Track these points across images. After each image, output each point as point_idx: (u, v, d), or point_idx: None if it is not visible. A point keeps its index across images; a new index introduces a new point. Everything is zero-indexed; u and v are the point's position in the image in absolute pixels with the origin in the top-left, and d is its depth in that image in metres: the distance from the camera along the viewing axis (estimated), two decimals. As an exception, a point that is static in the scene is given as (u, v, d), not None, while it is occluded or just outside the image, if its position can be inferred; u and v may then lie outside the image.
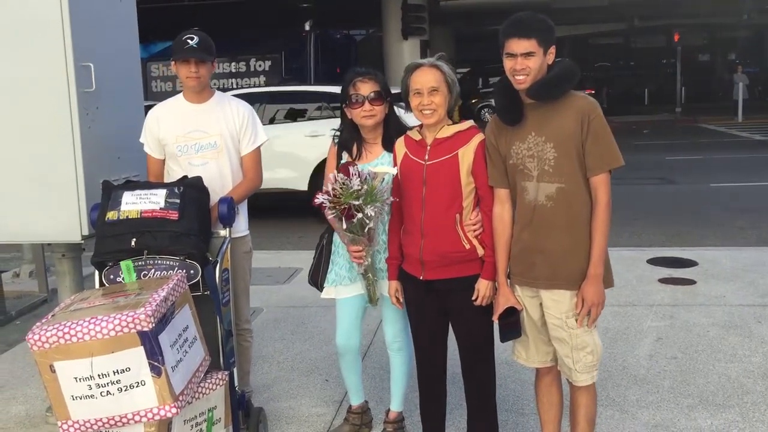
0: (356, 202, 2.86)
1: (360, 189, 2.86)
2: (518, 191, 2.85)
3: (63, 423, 2.75)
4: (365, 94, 3.20)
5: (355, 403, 3.59)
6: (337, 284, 3.38)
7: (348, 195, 2.86)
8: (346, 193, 2.87)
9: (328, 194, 2.92)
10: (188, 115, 3.56)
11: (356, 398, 3.59)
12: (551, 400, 3.01)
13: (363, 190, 2.86)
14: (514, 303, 2.90)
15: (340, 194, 2.88)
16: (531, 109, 2.79)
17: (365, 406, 3.64)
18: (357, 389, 3.58)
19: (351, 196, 2.86)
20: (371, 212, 2.88)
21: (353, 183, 2.87)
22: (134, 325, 2.64)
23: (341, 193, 2.87)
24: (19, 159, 3.59)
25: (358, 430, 3.59)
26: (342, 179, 2.91)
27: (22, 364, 4.81)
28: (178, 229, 3.15)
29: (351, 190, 2.86)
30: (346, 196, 2.86)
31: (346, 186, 2.87)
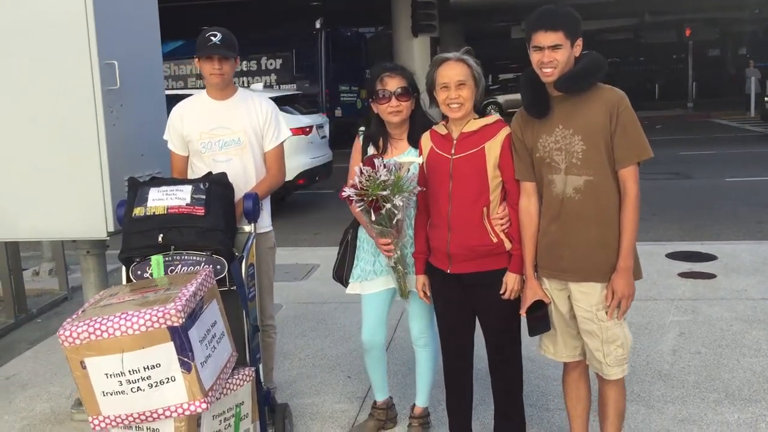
0: (384, 193, 2.85)
1: (387, 180, 2.85)
2: (545, 184, 2.84)
3: (94, 418, 2.76)
4: (392, 89, 3.19)
5: (380, 399, 3.59)
6: (362, 279, 3.38)
7: (375, 186, 2.86)
8: (373, 185, 2.86)
9: (354, 187, 2.92)
10: (212, 111, 3.57)
11: (381, 394, 3.59)
12: (579, 395, 3.00)
13: (390, 181, 2.86)
14: (541, 296, 2.90)
15: (367, 186, 2.87)
16: (558, 101, 2.77)
17: (390, 402, 3.64)
18: (382, 385, 3.58)
19: (378, 187, 2.86)
20: (399, 202, 2.88)
21: (380, 174, 2.86)
22: (164, 320, 2.65)
23: (368, 185, 2.87)
24: (44, 156, 3.61)
25: (383, 426, 3.59)
26: (368, 171, 2.91)
27: (45, 362, 4.84)
28: (204, 224, 3.16)
29: (378, 182, 2.86)
30: (374, 188, 2.86)
31: (373, 178, 2.87)
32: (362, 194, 2.89)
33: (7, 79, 3.60)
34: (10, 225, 3.69)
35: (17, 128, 3.62)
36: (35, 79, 3.58)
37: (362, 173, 2.91)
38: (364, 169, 2.91)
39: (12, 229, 3.71)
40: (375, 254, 3.34)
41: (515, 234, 2.96)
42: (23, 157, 3.63)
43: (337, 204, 11.15)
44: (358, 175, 2.92)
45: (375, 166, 2.91)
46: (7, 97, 3.61)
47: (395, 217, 2.96)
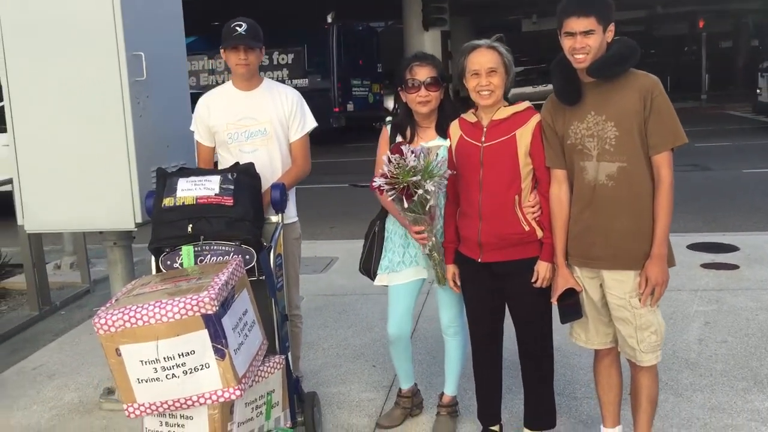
0: (415, 179, 2.85)
1: (416, 165, 2.85)
2: (576, 171, 2.83)
3: (129, 406, 2.78)
4: (422, 79, 3.19)
5: (405, 387, 3.60)
6: (390, 271, 3.38)
7: (405, 173, 2.86)
8: (403, 172, 2.86)
9: (384, 176, 2.92)
10: (238, 102, 3.58)
11: (407, 382, 3.60)
12: (611, 382, 2.99)
13: (419, 166, 2.85)
14: (573, 284, 2.89)
15: (397, 174, 2.87)
16: (590, 88, 2.76)
17: (415, 389, 3.65)
18: (408, 374, 3.59)
19: (408, 173, 2.85)
20: (431, 187, 2.87)
21: (409, 160, 2.86)
22: (198, 308, 2.67)
23: (398, 173, 2.86)
24: (72, 148, 3.63)
25: (409, 413, 3.60)
26: (396, 159, 2.91)
27: (71, 353, 4.88)
28: (233, 214, 3.17)
29: (407, 168, 2.86)
30: (404, 175, 2.86)
31: (402, 165, 2.86)
32: (393, 182, 2.89)
33: (36, 72, 3.62)
34: (38, 217, 3.72)
35: (46, 121, 3.65)
36: (63, 71, 3.60)
37: (391, 161, 2.90)
38: (392, 157, 2.91)
39: (40, 220, 3.73)
40: (404, 245, 3.34)
41: (546, 222, 2.96)
42: (52, 149, 3.66)
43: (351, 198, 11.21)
44: (387, 163, 2.92)
45: (403, 153, 2.91)
46: (37, 91, 3.63)
47: (428, 203, 2.95)
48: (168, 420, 2.90)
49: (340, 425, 3.64)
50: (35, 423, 3.89)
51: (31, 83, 3.64)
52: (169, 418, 2.89)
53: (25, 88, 3.65)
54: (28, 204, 3.69)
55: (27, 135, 3.67)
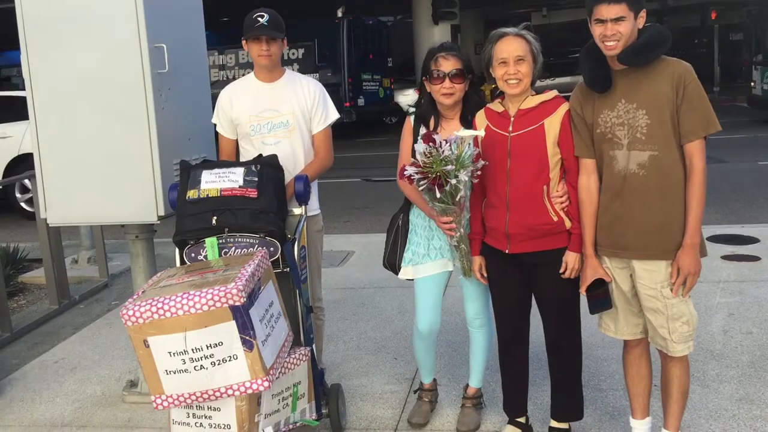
0: (448, 168, 2.82)
1: (450, 155, 2.83)
2: (606, 161, 2.80)
3: (156, 397, 2.78)
4: (447, 70, 3.16)
5: (428, 381, 3.57)
6: (414, 263, 3.35)
7: (438, 162, 2.83)
8: (436, 161, 2.83)
9: (416, 165, 2.89)
10: (260, 94, 3.56)
11: (430, 376, 3.57)
12: (641, 373, 2.96)
13: (453, 156, 2.83)
14: (602, 275, 2.86)
15: (429, 163, 2.84)
16: (620, 75, 2.73)
17: (435, 382, 3.62)
18: (431, 368, 3.56)
19: (441, 163, 2.83)
20: (464, 177, 2.85)
21: (443, 149, 2.84)
22: (226, 299, 2.66)
23: (431, 162, 2.84)
24: (94, 141, 3.63)
25: (433, 407, 3.57)
26: (428, 148, 2.89)
27: (91, 346, 4.89)
28: (257, 206, 3.16)
29: (441, 157, 2.83)
30: (437, 164, 2.83)
31: (436, 154, 2.84)
32: (425, 172, 2.86)
33: (57, 67, 3.61)
34: (61, 210, 3.72)
35: (68, 114, 3.64)
36: (85, 65, 3.59)
37: (423, 150, 2.88)
38: (425, 146, 2.88)
39: (63, 214, 3.73)
40: (428, 237, 3.31)
41: (575, 212, 2.93)
42: (73, 142, 3.65)
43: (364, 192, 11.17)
44: (420, 152, 2.89)
45: (435, 142, 2.88)
46: (58, 84, 3.63)
47: (458, 194, 2.93)
48: (195, 411, 2.90)
49: (364, 417, 3.63)
50: (59, 416, 3.90)
51: (52, 77, 3.63)
52: (196, 410, 2.89)
53: (46, 82, 3.64)
54: (51, 197, 3.69)
55: (49, 128, 3.66)
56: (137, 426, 3.73)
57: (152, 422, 3.75)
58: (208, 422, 2.89)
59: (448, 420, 3.52)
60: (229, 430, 2.85)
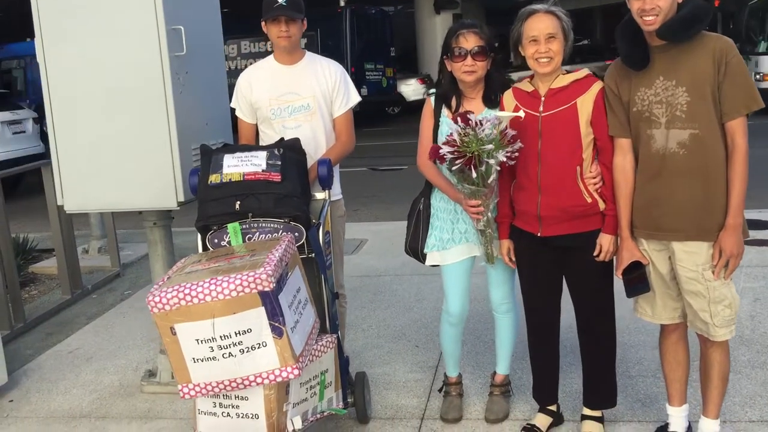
0: (488, 147, 2.74)
1: (490, 134, 2.74)
2: (642, 140, 2.72)
3: (184, 386, 2.71)
4: (468, 48, 3.06)
5: (455, 374, 3.48)
6: (439, 249, 3.27)
7: (476, 142, 2.75)
8: (474, 141, 2.75)
9: (451, 144, 2.80)
10: (280, 77, 3.48)
11: (456, 369, 3.48)
12: (678, 359, 2.89)
13: (493, 135, 2.75)
14: (638, 257, 2.79)
15: (467, 143, 2.76)
16: (659, 51, 2.64)
17: (461, 376, 3.53)
18: (458, 359, 3.47)
19: (480, 143, 2.74)
20: (503, 158, 2.77)
21: (484, 128, 2.75)
22: (255, 285, 2.59)
23: (469, 141, 2.75)
24: (111, 126, 3.55)
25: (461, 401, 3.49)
26: (463, 128, 2.80)
27: (106, 336, 4.82)
28: (281, 191, 3.08)
29: (480, 137, 2.75)
30: (474, 144, 2.75)
31: (475, 133, 2.75)
32: (462, 152, 2.77)
33: (73, 51, 3.52)
34: (78, 197, 3.64)
35: (84, 100, 3.56)
36: (101, 49, 3.50)
37: (460, 130, 2.79)
38: (462, 125, 2.80)
39: (80, 201, 3.65)
40: (452, 221, 3.22)
41: (609, 193, 2.85)
42: (90, 128, 3.57)
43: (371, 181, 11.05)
44: (456, 131, 2.80)
45: (470, 121, 2.80)
46: (74, 70, 3.54)
47: (491, 176, 2.85)
48: (222, 401, 2.83)
49: (389, 406, 3.57)
50: (77, 406, 3.84)
51: (68, 63, 3.54)
52: (223, 399, 2.82)
53: (61, 67, 3.56)
54: (68, 184, 3.61)
55: (64, 115, 3.58)
56: (157, 416, 3.66)
57: (172, 413, 3.68)
58: (236, 412, 2.82)
59: (476, 409, 3.45)
60: (257, 419, 2.79)
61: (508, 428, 3.27)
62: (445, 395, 3.47)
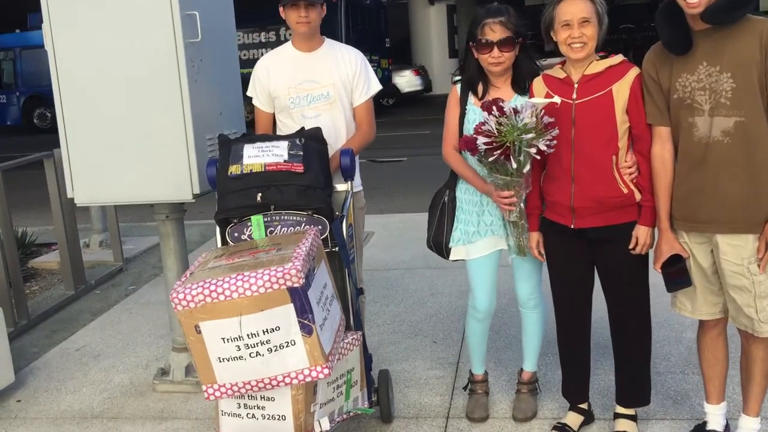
0: (529, 136, 2.63)
1: (529, 122, 2.64)
2: (683, 128, 2.61)
3: (208, 387, 2.60)
4: (494, 39, 2.94)
5: (480, 372, 3.38)
6: (465, 243, 3.16)
7: (515, 131, 2.64)
8: (513, 129, 2.64)
9: (487, 135, 2.69)
10: (299, 64, 3.36)
11: (482, 366, 3.37)
12: (717, 356, 2.80)
13: (532, 123, 2.64)
14: (679, 250, 2.69)
15: (505, 132, 2.65)
16: (702, 36, 2.54)
17: (487, 374, 3.43)
18: (484, 356, 3.36)
19: (519, 132, 2.64)
20: (543, 146, 2.66)
21: (523, 116, 2.64)
22: (284, 281, 2.48)
23: (507, 131, 2.65)
24: (123, 115, 3.42)
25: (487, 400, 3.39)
26: (497, 116, 2.69)
27: (113, 333, 4.70)
28: (304, 182, 2.97)
29: (520, 125, 2.64)
30: (511, 133, 2.64)
31: (514, 121, 2.64)
32: (500, 142, 2.67)
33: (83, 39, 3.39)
34: (89, 189, 3.51)
35: (95, 88, 3.43)
36: (112, 36, 3.36)
37: (496, 118, 2.68)
38: (495, 113, 2.69)
39: (91, 193, 3.52)
40: (478, 213, 3.12)
41: (645, 184, 2.75)
42: (101, 117, 3.44)
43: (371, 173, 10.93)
44: (494, 120, 2.69)
45: (503, 110, 2.69)
46: (84, 58, 3.40)
47: (527, 165, 2.75)
48: (246, 402, 2.72)
49: (411, 405, 3.47)
50: (87, 406, 3.72)
51: (78, 51, 3.40)
52: (248, 400, 2.72)
53: (70, 55, 3.41)
54: (78, 176, 3.48)
55: (74, 104, 3.44)
56: (172, 417, 3.55)
57: (187, 412, 3.57)
58: (261, 413, 2.71)
59: (502, 407, 3.36)
60: (284, 421, 2.68)
61: (537, 427, 3.18)
62: (470, 393, 3.38)
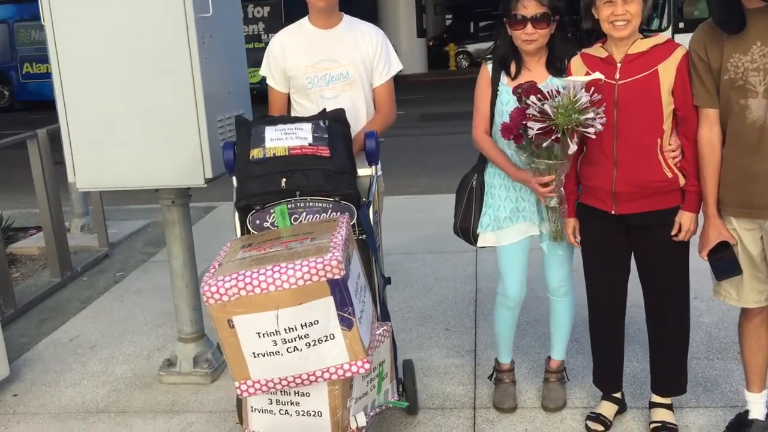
0: (588, 116, 2.51)
1: (588, 101, 2.52)
2: (735, 110, 2.52)
3: (241, 383, 2.45)
4: (529, 15, 2.81)
5: (508, 361, 3.28)
6: (495, 229, 3.05)
7: (568, 113, 2.52)
8: (567, 111, 2.52)
9: (535, 120, 2.56)
10: (316, 42, 3.19)
11: (509, 355, 3.27)
12: (760, 344, 2.74)
13: (586, 102, 2.52)
14: (727, 237, 2.61)
15: (559, 114, 2.52)
16: (756, 14, 2.44)
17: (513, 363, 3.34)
18: (511, 345, 3.26)
19: (575, 112, 2.52)
20: (600, 126, 2.55)
21: (580, 95, 2.52)
22: (324, 272, 2.34)
23: (562, 112, 2.52)
24: (129, 96, 3.20)
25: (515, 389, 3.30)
26: (538, 100, 2.57)
27: (107, 322, 4.50)
28: (331, 167, 2.82)
29: (577, 105, 2.52)
30: (564, 114, 2.52)
31: (570, 102, 2.52)
32: (552, 125, 2.54)
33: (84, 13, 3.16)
34: (92, 174, 3.30)
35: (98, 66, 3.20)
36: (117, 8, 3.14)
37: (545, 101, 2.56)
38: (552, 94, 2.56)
39: (95, 178, 3.31)
40: (511, 199, 3.00)
41: (690, 168, 2.67)
42: (105, 97, 3.21)
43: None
44: (540, 102, 2.56)
45: (544, 94, 2.57)
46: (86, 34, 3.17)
47: (570, 148, 2.63)
48: (279, 397, 2.58)
49: (434, 395, 3.36)
50: (90, 400, 3.54)
51: (79, 24, 3.17)
52: (281, 396, 2.58)
53: (73, 29, 3.17)
54: (80, 160, 3.26)
55: (76, 84, 3.21)
56: (184, 410, 3.39)
57: (199, 405, 3.42)
58: (295, 409, 2.58)
59: (529, 396, 3.27)
60: (320, 417, 2.55)
61: (569, 417, 3.10)
62: (497, 383, 3.28)
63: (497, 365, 3.30)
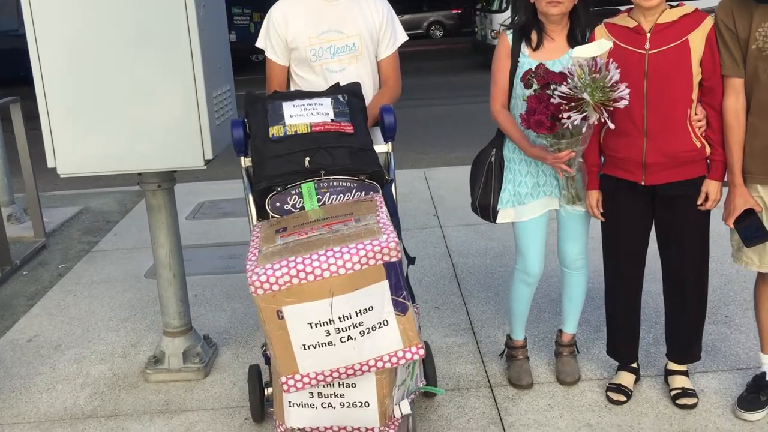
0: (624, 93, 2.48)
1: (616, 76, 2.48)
2: (761, 80, 2.56)
3: (289, 378, 2.30)
4: None
5: (521, 338, 3.25)
6: (515, 204, 2.99)
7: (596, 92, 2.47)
8: (595, 90, 2.47)
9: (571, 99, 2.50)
10: (320, 12, 3.00)
11: (522, 331, 3.24)
12: (777, 307, 2.84)
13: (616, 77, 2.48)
14: (753, 204, 2.67)
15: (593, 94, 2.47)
16: (787, -16, 2.49)
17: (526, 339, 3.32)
18: (525, 321, 3.23)
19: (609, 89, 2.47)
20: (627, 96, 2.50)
21: (612, 73, 2.48)
22: (382, 255, 2.21)
23: (593, 89, 2.47)
24: (119, 71, 2.90)
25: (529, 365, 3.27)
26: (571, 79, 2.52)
27: (64, 319, 4.15)
28: (355, 144, 2.67)
29: (605, 81, 2.47)
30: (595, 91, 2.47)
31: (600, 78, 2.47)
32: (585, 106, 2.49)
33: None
34: (75, 157, 2.97)
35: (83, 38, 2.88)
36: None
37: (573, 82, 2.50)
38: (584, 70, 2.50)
39: (78, 161, 2.98)
40: (533, 174, 2.95)
41: (716, 137, 2.70)
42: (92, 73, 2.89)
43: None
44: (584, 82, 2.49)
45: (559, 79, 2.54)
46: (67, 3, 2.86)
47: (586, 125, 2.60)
48: (322, 390, 2.43)
49: (447, 376, 3.29)
50: (72, 405, 3.24)
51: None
52: (323, 388, 2.43)
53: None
54: (61, 142, 2.94)
55: (56, 56, 2.88)
56: (182, 409, 3.16)
57: (198, 403, 3.20)
58: (339, 401, 2.43)
59: (542, 372, 3.26)
60: (367, 408, 2.42)
61: (587, 389, 3.11)
62: (509, 359, 3.25)
63: (510, 341, 3.26)
